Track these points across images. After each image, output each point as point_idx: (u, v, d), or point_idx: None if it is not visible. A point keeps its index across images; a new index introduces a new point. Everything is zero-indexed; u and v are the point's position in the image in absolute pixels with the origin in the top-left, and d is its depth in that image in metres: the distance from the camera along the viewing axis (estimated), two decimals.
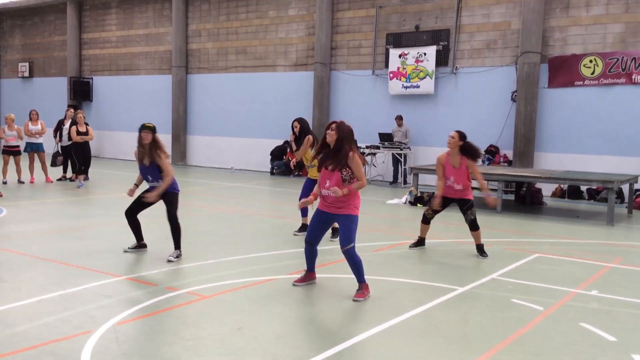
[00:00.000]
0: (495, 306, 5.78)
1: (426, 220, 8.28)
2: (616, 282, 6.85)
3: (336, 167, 5.81)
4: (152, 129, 7.20)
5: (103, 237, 8.61)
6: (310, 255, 6.22)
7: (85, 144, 14.45)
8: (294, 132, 9.07)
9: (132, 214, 7.48)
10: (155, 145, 7.18)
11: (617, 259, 8.11)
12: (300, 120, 9.09)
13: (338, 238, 8.58)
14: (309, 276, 6.32)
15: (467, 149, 7.86)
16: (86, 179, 14.74)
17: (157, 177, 7.23)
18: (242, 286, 6.19)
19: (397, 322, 5.19)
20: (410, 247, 8.35)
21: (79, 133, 14.30)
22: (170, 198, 7.31)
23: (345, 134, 5.83)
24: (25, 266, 6.79)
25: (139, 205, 7.44)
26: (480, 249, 7.97)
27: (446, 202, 8.17)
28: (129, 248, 7.61)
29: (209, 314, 5.28)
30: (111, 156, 24.11)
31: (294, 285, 6.22)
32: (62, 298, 5.62)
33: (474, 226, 7.93)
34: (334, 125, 5.89)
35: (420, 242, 8.38)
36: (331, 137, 5.85)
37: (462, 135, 7.89)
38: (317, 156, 6.07)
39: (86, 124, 14.64)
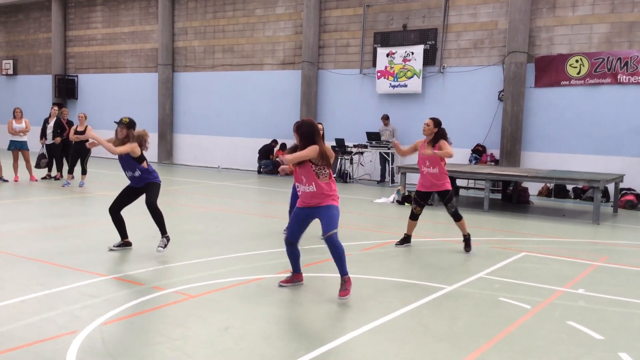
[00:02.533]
0: (482, 305, 5.79)
1: (414, 217, 8.32)
2: (602, 281, 6.90)
3: (301, 163, 5.79)
4: (127, 124, 7.24)
5: (88, 236, 8.53)
6: (293, 255, 6.14)
7: (81, 143, 14.23)
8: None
9: (116, 211, 7.45)
10: (127, 140, 7.22)
11: (603, 257, 8.17)
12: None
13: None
14: (295, 277, 6.25)
15: (441, 134, 8.11)
16: (73, 177, 14.60)
17: (133, 168, 7.29)
18: (229, 286, 6.15)
19: (384, 322, 5.18)
20: (396, 245, 8.36)
21: (76, 132, 14.15)
22: (151, 187, 7.37)
23: (304, 132, 5.80)
24: (9, 266, 6.69)
25: (122, 201, 7.46)
26: (467, 242, 8.03)
27: (427, 196, 8.31)
28: (114, 246, 7.56)
29: (195, 314, 5.23)
30: (96, 155, 23.90)
31: (279, 286, 6.17)
32: (46, 298, 5.55)
33: (456, 217, 8.10)
34: (294, 127, 5.91)
35: (406, 240, 8.40)
36: (296, 138, 5.90)
37: (436, 122, 8.15)
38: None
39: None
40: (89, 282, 6.10)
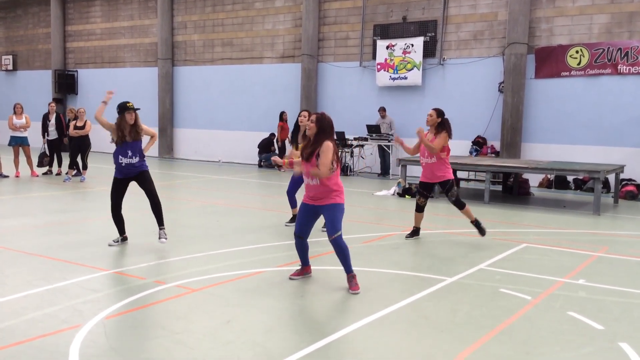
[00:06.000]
0: (483, 296, 5.81)
1: (419, 209, 8.36)
2: (603, 271, 6.91)
3: (310, 156, 5.77)
4: (134, 109, 7.41)
5: (89, 231, 8.54)
6: (302, 249, 6.18)
7: (81, 138, 14.27)
8: (297, 123, 8.71)
9: (118, 209, 7.51)
10: (138, 123, 7.44)
11: (604, 248, 8.18)
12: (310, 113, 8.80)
13: None
14: (305, 270, 6.29)
15: (443, 124, 8.10)
16: (76, 174, 14.61)
17: (137, 153, 7.40)
18: (231, 279, 6.17)
19: (386, 313, 5.20)
20: (406, 237, 8.40)
21: (76, 127, 14.18)
22: (145, 175, 7.48)
23: (325, 127, 5.80)
24: (11, 261, 6.71)
25: (120, 197, 7.52)
26: (477, 225, 8.11)
27: (430, 187, 8.32)
28: (113, 241, 7.58)
29: (198, 307, 5.25)
30: (96, 149, 23.89)
31: (290, 279, 6.19)
32: (48, 293, 5.57)
33: (459, 205, 8.13)
34: (313, 117, 5.86)
35: (415, 232, 8.46)
36: (311, 130, 5.84)
37: (439, 112, 8.15)
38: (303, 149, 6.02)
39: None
40: (91, 277, 6.12)
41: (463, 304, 5.53)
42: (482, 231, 8.17)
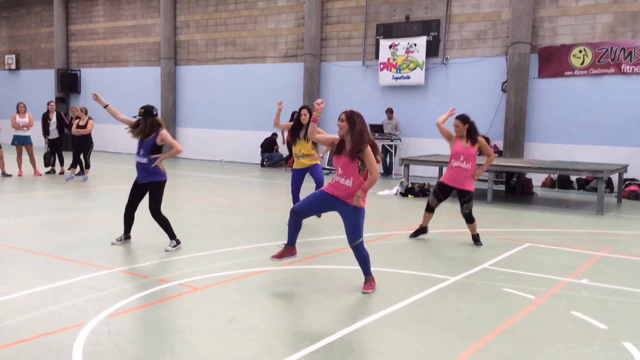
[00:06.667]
0: (486, 295, 5.80)
1: (430, 209, 8.29)
2: (606, 271, 6.90)
3: (355, 156, 5.56)
4: (142, 114, 7.29)
5: (92, 230, 8.55)
6: (295, 227, 5.90)
7: (83, 137, 14.31)
8: (299, 120, 8.68)
9: (131, 210, 7.50)
10: (151, 125, 7.26)
11: (607, 247, 8.16)
12: (310, 110, 8.73)
13: (324, 219, 8.72)
14: (288, 250, 5.98)
15: (473, 129, 8.02)
16: (80, 173, 14.62)
17: (147, 153, 7.28)
18: (234, 278, 6.17)
19: (389, 313, 5.19)
20: (410, 236, 8.36)
21: (78, 127, 14.22)
22: (154, 188, 7.33)
23: (361, 124, 5.58)
24: (14, 259, 6.73)
25: (135, 199, 7.47)
26: (476, 239, 8.02)
27: (448, 191, 8.18)
28: (116, 240, 7.58)
29: (201, 306, 5.26)
30: (99, 149, 23.92)
31: (271, 259, 6.00)
32: (52, 291, 5.58)
33: (469, 219, 8.00)
34: (343, 116, 5.62)
35: (421, 231, 8.40)
36: (342, 129, 5.59)
37: (464, 119, 7.99)
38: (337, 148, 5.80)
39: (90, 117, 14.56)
40: (94, 275, 6.13)
41: (466, 303, 5.52)
42: (478, 243, 8.00)
